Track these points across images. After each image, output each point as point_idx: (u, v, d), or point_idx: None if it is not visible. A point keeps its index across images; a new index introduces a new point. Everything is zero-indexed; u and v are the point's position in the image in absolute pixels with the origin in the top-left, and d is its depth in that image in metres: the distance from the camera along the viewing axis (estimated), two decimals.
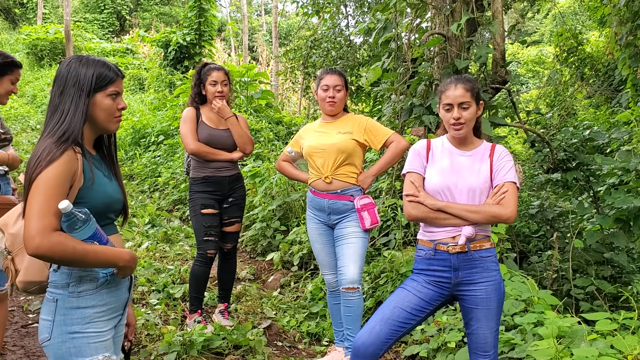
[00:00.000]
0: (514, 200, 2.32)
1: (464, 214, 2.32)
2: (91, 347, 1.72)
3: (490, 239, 2.43)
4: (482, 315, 2.36)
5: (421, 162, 2.47)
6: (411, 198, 2.40)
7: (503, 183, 2.36)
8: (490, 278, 2.37)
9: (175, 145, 9.49)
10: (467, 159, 2.43)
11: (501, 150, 2.44)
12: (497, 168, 2.39)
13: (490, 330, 2.37)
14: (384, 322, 2.34)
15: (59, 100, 1.75)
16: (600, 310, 3.66)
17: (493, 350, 2.39)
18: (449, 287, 2.39)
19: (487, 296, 2.36)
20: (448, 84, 2.42)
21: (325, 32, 8.77)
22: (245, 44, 21.84)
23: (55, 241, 1.57)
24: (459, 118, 2.36)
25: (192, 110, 3.79)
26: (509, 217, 2.31)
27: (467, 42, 4.64)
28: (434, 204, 2.35)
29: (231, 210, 3.89)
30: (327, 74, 3.37)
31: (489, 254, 2.39)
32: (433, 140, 2.55)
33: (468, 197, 2.37)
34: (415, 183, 2.42)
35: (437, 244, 2.38)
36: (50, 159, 1.63)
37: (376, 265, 4.44)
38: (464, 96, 2.36)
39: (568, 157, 5.02)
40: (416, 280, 2.42)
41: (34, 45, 18.72)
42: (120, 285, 1.84)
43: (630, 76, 8.35)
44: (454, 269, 2.36)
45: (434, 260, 2.39)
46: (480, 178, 2.38)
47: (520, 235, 5.79)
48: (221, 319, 3.90)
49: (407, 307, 2.36)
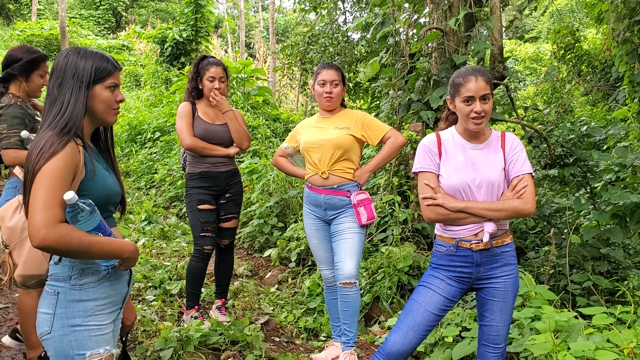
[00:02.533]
0: (533, 192, 2.30)
1: (486, 213, 2.28)
2: (92, 340, 1.72)
3: (509, 233, 2.41)
4: (498, 308, 2.36)
5: (433, 159, 2.38)
6: (429, 201, 2.32)
7: (522, 176, 2.32)
8: (509, 272, 2.37)
9: (172, 141, 9.47)
10: (480, 152, 2.38)
11: (512, 139, 2.39)
12: (512, 159, 2.35)
13: (504, 323, 2.37)
14: (416, 328, 2.32)
15: (58, 92, 1.74)
16: (597, 305, 3.67)
17: (503, 343, 2.39)
18: (469, 282, 2.38)
19: (505, 289, 2.35)
20: (467, 75, 2.32)
21: (323, 28, 8.74)
22: (242, 40, 21.81)
23: (61, 232, 1.56)
24: (481, 111, 2.29)
25: (187, 105, 3.77)
26: (531, 211, 2.28)
27: (465, 37, 4.63)
28: (454, 206, 2.29)
29: (228, 206, 3.88)
30: (324, 69, 3.35)
31: (509, 249, 2.38)
32: (442, 134, 2.45)
33: (487, 191, 2.33)
34: (431, 184, 2.34)
35: (460, 241, 2.34)
36: (53, 150, 1.63)
37: (373, 261, 4.44)
38: (486, 88, 2.30)
39: (565, 153, 5.02)
40: (438, 277, 2.38)
41: (28, 41, 18.60)
42: (121, 278, 1.84)
43: (627, 73, 8.36)
44: (476, 264, 2.35)
45: (456, 257, 2.36)
46: (496, 171, 2.33)
47: (517, 231, 5.80)
48: (218, 314, 3.89)
49: (435, 309, 2.34)
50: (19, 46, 3.18)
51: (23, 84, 3.10)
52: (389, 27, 5.35)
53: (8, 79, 3.09)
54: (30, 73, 3.11)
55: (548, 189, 6.29)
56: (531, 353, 2.83)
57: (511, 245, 2.40)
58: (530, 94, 16.49)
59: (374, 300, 4.19)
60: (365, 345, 3.69)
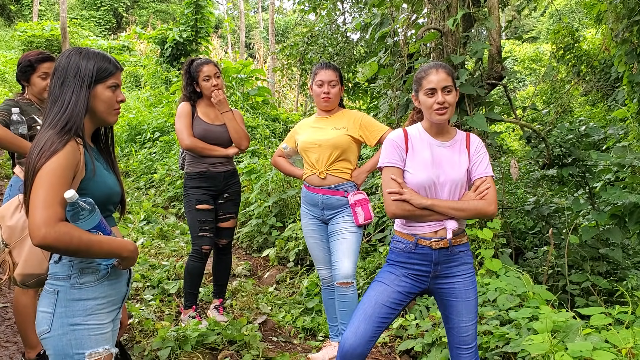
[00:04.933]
0: (495, 194, 2.34)
1: (451, 212, 2.31)
2: (92, 339, 1.72)
3: (465, 232, 2.44)
4: (463, 307, 2.36)
5: (400, 154, 2.38)
6: (395, 197, 2.32)
7: (485, 178, 2.35)
8: (466, 271, 2.39)
9: (171, 142, 9.47)
10: (446, 150, 2.40)
11: (477, 141, 2.43)
12: (476, 161, 2.38)
13: (472, 322, 2.37)
14: (367, 321, 2.31)
15: (60, 92, 1.75)
16: (596, 306, 3.66)
17: (474, 342, 2.39)
18: (426, 281, 2.38)
19: (465, 288, 2.36)
20: (428, 69, 2.36)
21: (322, 28, 8.75)
22: (242, 40, 21.83)
23: (62, 231, 1.57)
24: (444, 102, 2.31)
25: (187, 106, 3.77)
26: (493, 212, 2.33)
27: (463, 37, 4.63)
28: (421, 203, 2.30)
29: (226, 206, 3.88)
30: (321, 69, 3.35)
31: (465, 248, 2.41)
32: (409, 129, 2.46)
33: (450, 190, 2.35)
34: (397, 179, 2.35)
35: (419, 239, 2.35)
36: (53, 149, 1.63)
37: (371, 260, 4.44)
38: (447, 80, 2.33)
39: (564, 153, 5.02)
40: (393, 274, 2.39)
41: (29, 42, 18.62)
42: (121, 277, 1.85)
43: (626, 73, 8.35)
44: (434, 263, 2.35)
45: (414, 254, 2.36)
46: (461, 171, 2.36)
47: (516, 231, 5.80)
48: (216, 314, 3.89)
49: (387, 302, 2.33)
50: (32, 51, 3.25)
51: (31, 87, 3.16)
52: (387, 28, 5.35)
53: (22, 84, 3.21)
54: (29, 76, 3.14)
55: (547, 189, 6.29)
56: (528, 353, 2.82)
57: (467, 245, 2.42)
58: (530, 94, 16.49)
59: None
60: None
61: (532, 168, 6.43)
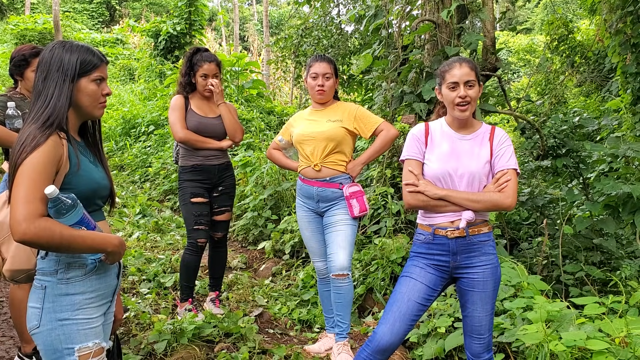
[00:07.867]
0: (515, 188, 2.32)
1: (466, 202, 2.31)
2: (81, 333, 1.72)
3: (488, 223, 2.42)
4: (478, 298, 2.36)
5: (419, 147, 2.43)
6: (411, 188, 2.36)
7: (506, 170, 2.34)
8: (487, 262, 2.37)
9: (166, 135, 9.45)
10: (467, 142, 2.40)
11: (501, 134, 2.41)
12: (498, 153, 2.37)
13: (486, 313, 2.37)
14: (402, 319, 2.33)
15: (43, 86, 1.74)
16: (590, 295, 3.69)
17: (488, 333, 2.40)
18: (448, 270, 2.39)
19: (484, 279, 2.36)
20: (452, 63, 2.39)
21: (316, 20, 8.72)
22: (236, 33, 21.72)
23: (42, 227, 1.55)
24: (466, 96, 2.32)
25: (180, 98, 3.75)
26: (510, 205, 2.31)
27: (458, 29, 4.62)
28: (435, 193, 2.33)
29: (221, 199, 3.87)
30: (316, 62, 3.34)
31: (487, 238, 2.39)
32: (431, 124, 2.49)
33: (468, 182, 2.35)
34: (414, 171, 2.38)
35: (436, 229, 2.37)
36: (35, 144, 1.62)
37: (367, 252, 4.45)
38: (470, 74, 2.34)
39: (558, 144, 5.03)
40: (418, 266, 2.40)
41: (22, 35, 18.47)
42: (109, 271, 1.84)
43: (620, 64, 8.37)
44: (452, 253, 2.36)
45: (433, 245, 2.38)
46: (480, 163, 2.35)
47: (510, 222, 5.82)
48: (212, 307, 3.90)
49: (418, 299, 2.35)
50: (25, 45, 3.23)
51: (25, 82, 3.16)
52: (381, 20, 5.33)
53: (15, 79, 3.20)
54: (23, 71, 3.13)
55: (541, 180, 6.32)
56: (523, 343, 2.85)
57: (490, 235, 2.41)
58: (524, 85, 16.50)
59: (367, 291, 4.21)
60: (359, 337, 3.71)
61: (527, 159, 6.45)
